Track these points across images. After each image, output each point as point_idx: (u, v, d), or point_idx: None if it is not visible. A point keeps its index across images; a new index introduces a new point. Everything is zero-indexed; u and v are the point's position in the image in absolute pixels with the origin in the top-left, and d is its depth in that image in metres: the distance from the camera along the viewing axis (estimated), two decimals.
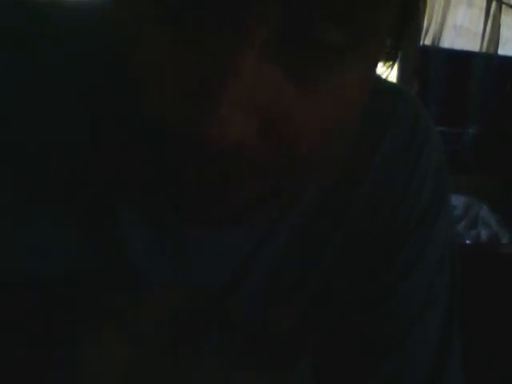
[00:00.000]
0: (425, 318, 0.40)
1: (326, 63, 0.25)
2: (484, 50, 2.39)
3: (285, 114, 0.24)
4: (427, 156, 0.41)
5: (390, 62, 0.33)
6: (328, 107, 0.26)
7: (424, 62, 2.36)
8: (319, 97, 0.25)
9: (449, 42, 2.38)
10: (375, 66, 0.31)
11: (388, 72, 0.35)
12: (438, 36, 2.37)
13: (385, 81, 0.44)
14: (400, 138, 0.41)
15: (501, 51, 2.41)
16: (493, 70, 2.38)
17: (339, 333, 0.41)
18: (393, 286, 0.40)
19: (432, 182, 0.41)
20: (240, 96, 0.22)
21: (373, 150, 0.40)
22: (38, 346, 0.33)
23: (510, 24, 2.40)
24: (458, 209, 2.10)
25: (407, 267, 0.40)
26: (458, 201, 2.12)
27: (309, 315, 0.39)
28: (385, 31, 0.27)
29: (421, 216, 0.40)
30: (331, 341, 0.41)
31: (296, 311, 0.39)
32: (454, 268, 0.42)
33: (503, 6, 2.35)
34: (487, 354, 1.53)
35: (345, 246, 0.39)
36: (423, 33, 2.36)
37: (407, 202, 0.40)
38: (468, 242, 1.97)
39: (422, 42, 2.37)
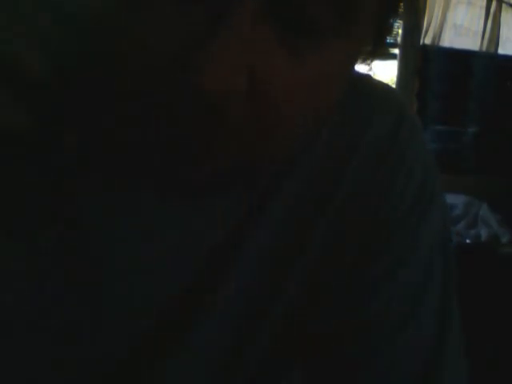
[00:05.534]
0: (415, 319, 0.39)
1: (314, 40, 0.27)
2: (484, 48, 2.39)
3: (271, 76, 0.26)
4: (412, 156, 0.41)
5: (370, 58, 0.35)
6: (310, 81, 0.28)
7: (424, 61, 2.36)
8: (304, 69, 0.27)
9: (449, 40, 2.38)
10: (357, 55, 0.32)
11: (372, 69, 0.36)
12: (438, 35, 2.37)
13: (371, 80, 0.44)
14: (381, 138, 0.41)
15: (501, 50, 2.41)
16: (493, 69, 2.38)
17: (327, 332, 0.40)
18: (378, 285, 0.39)
19: (418, 183, 0.41)
20: (232, 50, 0.24)
21: (351, 149, 0.40)
22: None
23: (510, 23, 2.40)
24: (458, 208, 2.10)
25: (393, 266, 0.39)
26: (458, 200, 2.12)
27: (295, 308, 0.39)
28: (369, 22, 0.29)
29: (405, 215, 0.40)
30: (319, 340, 0.41)
31: (282, 301, 0.39)
32: (448, 268, 0.42)
33: (503, 5, 2.35)
34: (487, 354, 1.53)
35: (331, 235, 0.39)
36: (423, 32, 2.36)
37: (390, 201, 0.40)
38: (468, 241, 1.97)
39: (422, 41, 2.37)
